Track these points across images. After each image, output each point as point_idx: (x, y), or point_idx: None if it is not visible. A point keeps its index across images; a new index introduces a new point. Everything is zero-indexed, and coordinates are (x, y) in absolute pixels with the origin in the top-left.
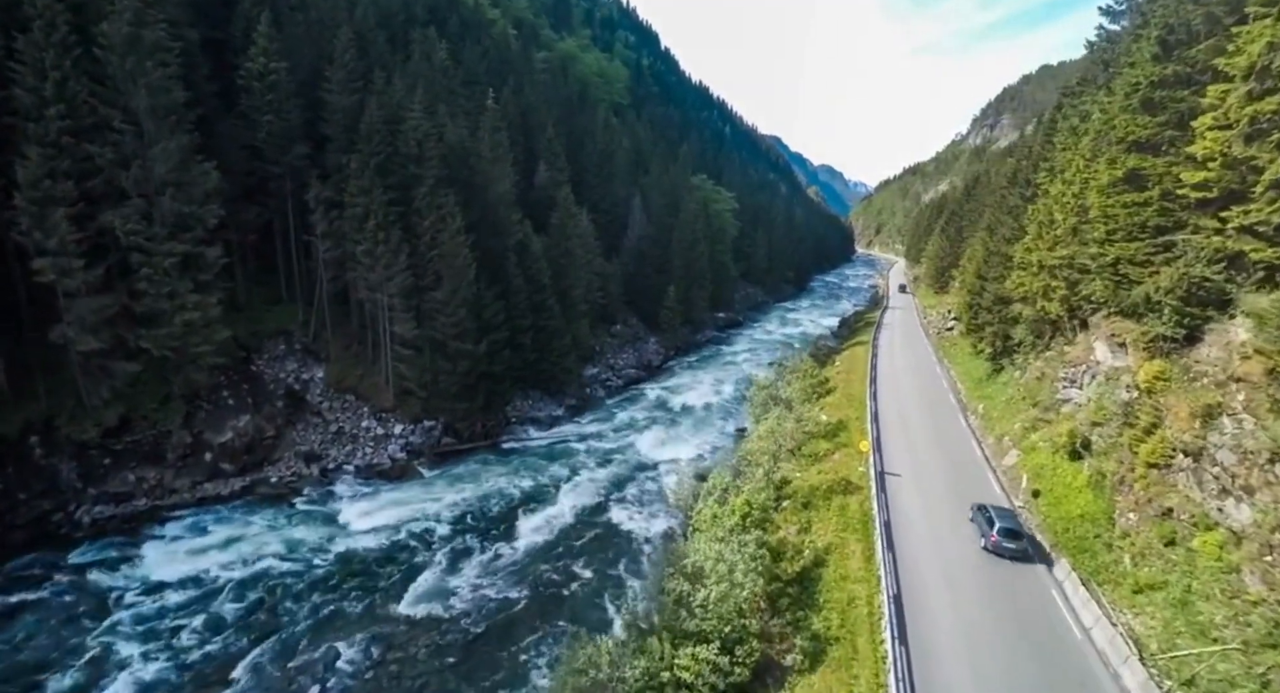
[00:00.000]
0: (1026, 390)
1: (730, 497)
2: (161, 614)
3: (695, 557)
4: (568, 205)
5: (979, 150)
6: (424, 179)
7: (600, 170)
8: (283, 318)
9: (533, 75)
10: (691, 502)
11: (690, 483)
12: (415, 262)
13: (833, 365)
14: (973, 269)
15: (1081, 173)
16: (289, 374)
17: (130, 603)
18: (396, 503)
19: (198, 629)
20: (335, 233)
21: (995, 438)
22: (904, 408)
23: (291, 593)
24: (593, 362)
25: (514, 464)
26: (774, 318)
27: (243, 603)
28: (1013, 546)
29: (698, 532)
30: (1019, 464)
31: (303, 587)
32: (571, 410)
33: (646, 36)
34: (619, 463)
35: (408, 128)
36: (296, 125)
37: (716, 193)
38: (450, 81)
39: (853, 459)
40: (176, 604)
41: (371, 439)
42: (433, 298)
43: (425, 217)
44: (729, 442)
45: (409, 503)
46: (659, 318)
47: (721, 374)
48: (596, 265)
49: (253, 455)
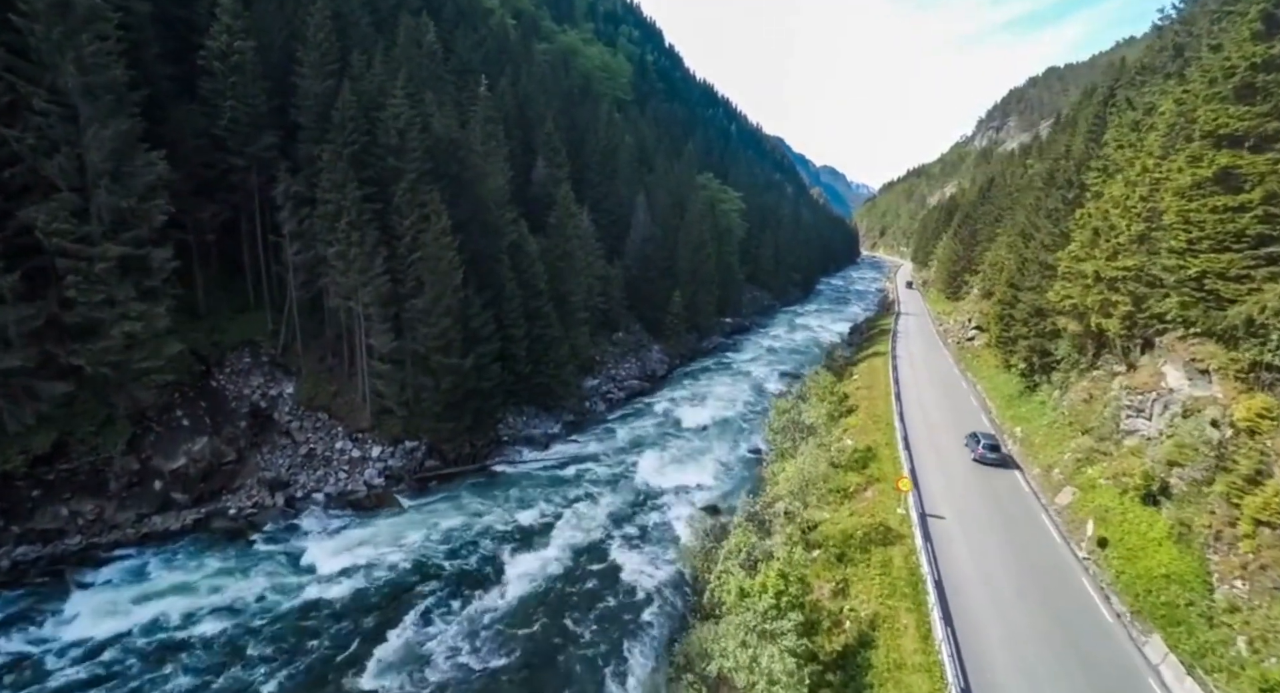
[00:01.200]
0: (1072, 414)
1: (758, 562)
2: (84, 686)
3: (720, 659)
4: (567, 204)
5: (985, 152)
6: (405, 173)
7: (602, 167)
8: (249, 327)
9: (532, 66)
10: (705, 555)
11: (704, 526)
12: (394, 266)
13: (851, 379)
14: (1004, 277)
15: (1151, 172)
16: (254, 390)
17: (48, 670)
18: (369, 541)
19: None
20: (305, 233)
21: (1042, 469)
22: (934, 431)
23: (239, 658)
24: (592, 372)
25: (504, 492)
26: (782, 323)
27: (179, 670)
28: (994, 456)
29: (721, 612)
30: (1077, 504)
31: (252, 650)
32: (569, 427)
33: (650, 33)
34: (621, 490)
35: (387, 116)
36: (264, 112)
37: (723, 192)
38: (440, 68)
39: (887, 496)
40: (102, 672)
41: (346, 463)
42: (413, 306)
43: (406, 215)
44: (742, 466)
45: (384, 541)
46: (663, 324)
47: (730, 385)
48: (597, 268)
49: (210, 483)
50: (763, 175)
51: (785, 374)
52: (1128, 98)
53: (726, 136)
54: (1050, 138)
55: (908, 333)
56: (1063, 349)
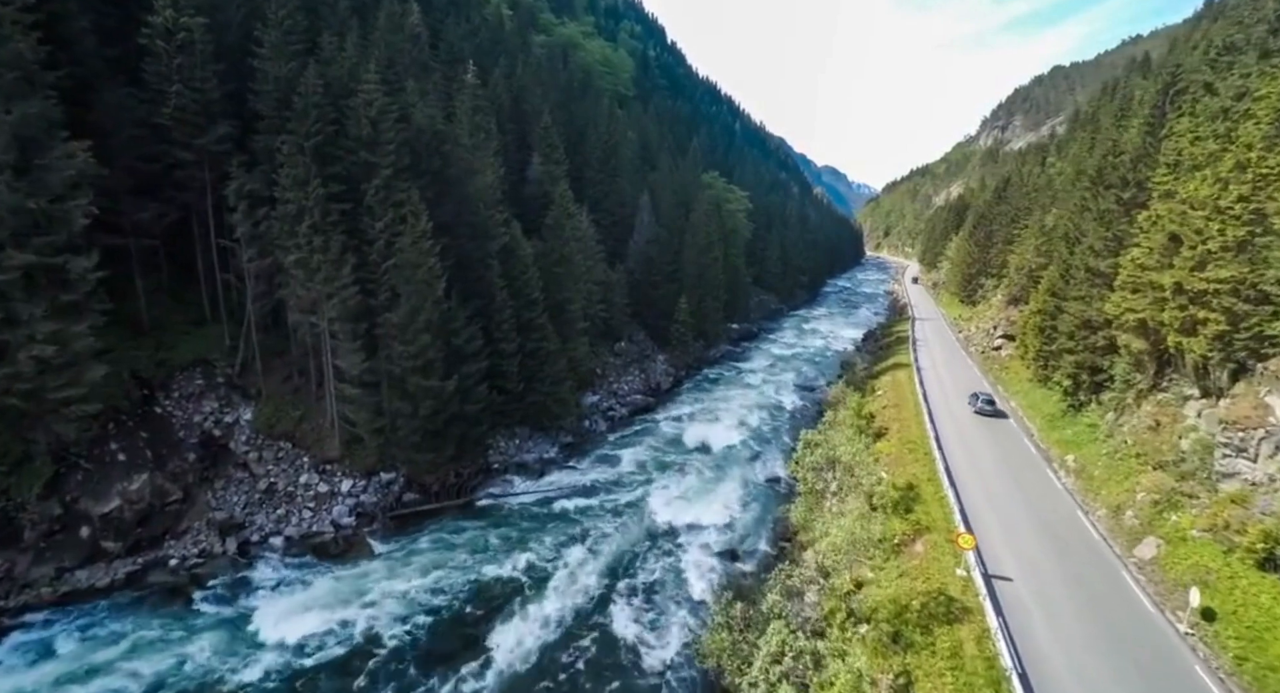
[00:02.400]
0: (1138, 444)
1: (806, 673)
2: None
3: None
4: (565, 203)
5: (991, 152)
6: (379, 168)
7: (603, 165)
8: (203, 344)
9: (528, 57)
10: (733, 649)
11: (727, 615)
12: (365, 275)
13: (874, 394)
14: (1044, 285)
15: (1255, 167)
16: (206, 417)
17: None
18: (331, 600)
19: None
20: (262, 237)
21: (1108, 510)
22: (977, 459)
23: None
24: (592, 387)
25: (492, 533)
26: (790, 328)
27: None
28: (990, 409)
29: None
30: (1165, 561)
31: None
32: (567, 451)
33: (652, 29)
34: (624, 530)
35: (358, 103)
36: (216, 99)
37: (729, 192)
38: (425, 56)
39: (941, 552)
40: None
41: (311, 499)
42: (387, 321)
43: (379, 216)
44: (761, 498)
45: (348, 598)
46: (669, 333)
47: (741, 400)
48: (598, 273)
49: (148, 528)
50: (768, 174)
51: (799, 386)
52: (1207, 83)
53: (731, 134)
54: (1068, 135)
55: (927, 341)
56: (1119, 368)
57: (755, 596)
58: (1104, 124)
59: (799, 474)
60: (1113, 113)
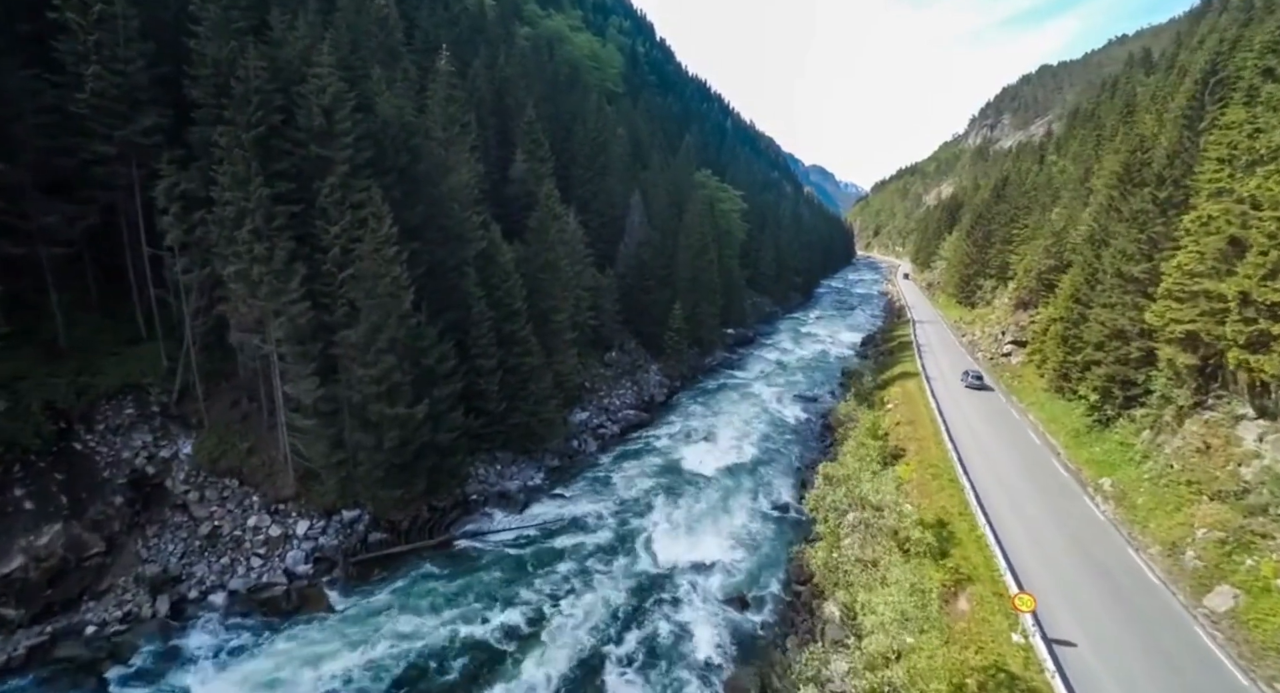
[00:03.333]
0: (1186, 469)
1: None
2: None
3: None
4: (551, 203)
5: (981, 150)
6: (334, 164)
7: (592, 163)
8: (135, 367)
9: (512, 48)
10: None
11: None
12: (318, 288)
13: (884, 408)
14: (1066, 291)
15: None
16: (138, 452)
17: None
18: (279, 671)
19: None
20: (198, 244)
21: (1163, 548)
22: (1006, 484)
23: None
24: (581, 403)
25: (469, 579)
26: (786, 332)
27: None
28: (978, 383)
29: None
30: (1247, 616)
31: None
32: (554, 476)
33: (641, 25)
34: (619, 573)
35: (310, 90)
36: (143, 84)
37: (723, 191)
38: (392, 39)
39: (986, 607)
40: None
41: (262, 544)
42: (345, 341)
43: (334, 220)
44: (769, 530)
45: (298, 668)
46: (663, 341)
47: (740, 413)
48: (587, 279)
49: (62, 589)
50: (760, 173)
51: (801, 397)
52: (1268, 69)
53: (722, 133)
54: (1067, 132)
55: (930, 346)
56: (1158, 382)
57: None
58: (1108, 121)
59: (817, 514)
60: (1118, 110)
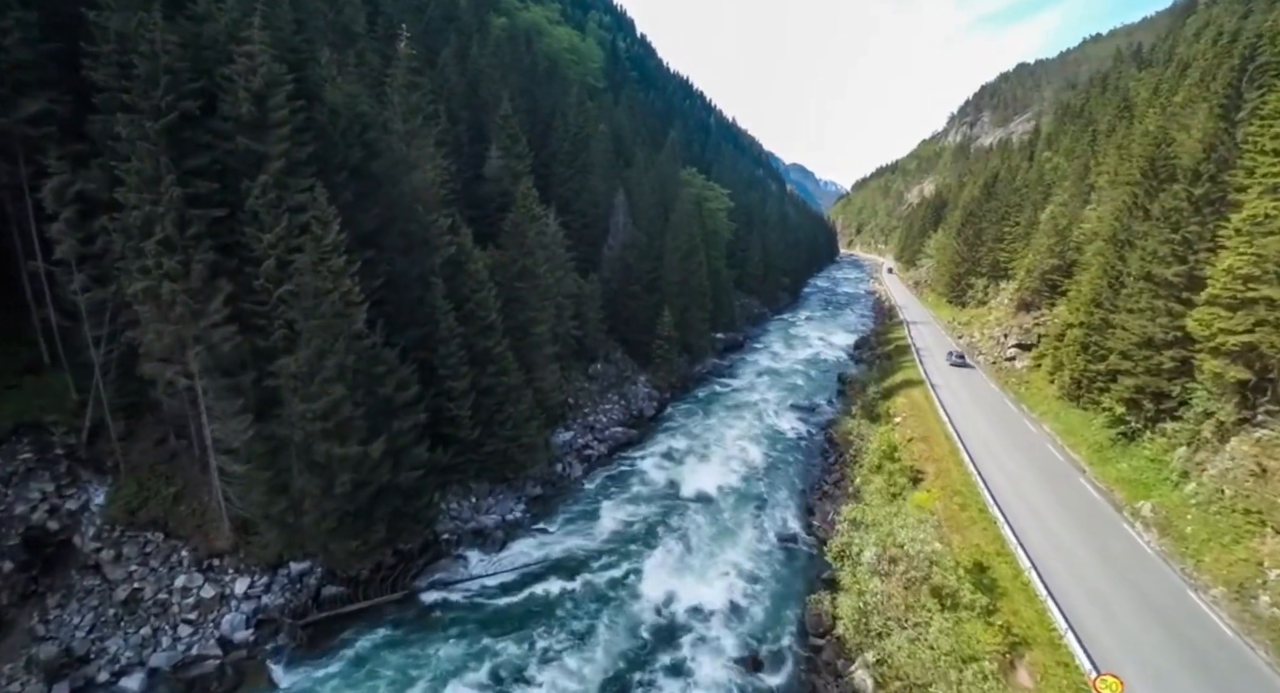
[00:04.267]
0: (1240, 495)
1: None
2: None
3: None
4: (528, 203)
5: (962, 148)
6: (268, 160)
7: (573, 160)
8: (36, 401)
9: (486, 37)
10: None
11: None
12: (250, 307)
13: (892, 422)
14: (1085, 294)
15: None
16: (36, 505)
17: None
18: None
19: None
20: (100, 256)
21: (1228, 589)
22: (1040, 513)
23: None
24: (565, 422)
25: (437, 645)
26: (776, 335)
27: None
28: (959, 362)
29: None
30: None
31: None
32: (536, 506)
33: (621, 21)
34: (612, 626)
35: (238, 71)
36: (26, 60)
37: (710, 189)
38: (344, 18)
39: (1050, 679)
40: None
41: (192, 609)
42: (284, 370)
43: (269, 226)
44: (777, 569)
45: None
46: (651, 349)
47: (736, 428)
48: (568, 285)
49: None
50: (745, 171)
51: (797, 407)
52: None
53: (706, 129)
54: (1057, 128)
55: (929, 350)
56: (1198, 395)
57: None
58: (1102, 116)
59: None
60: (1115, 105)
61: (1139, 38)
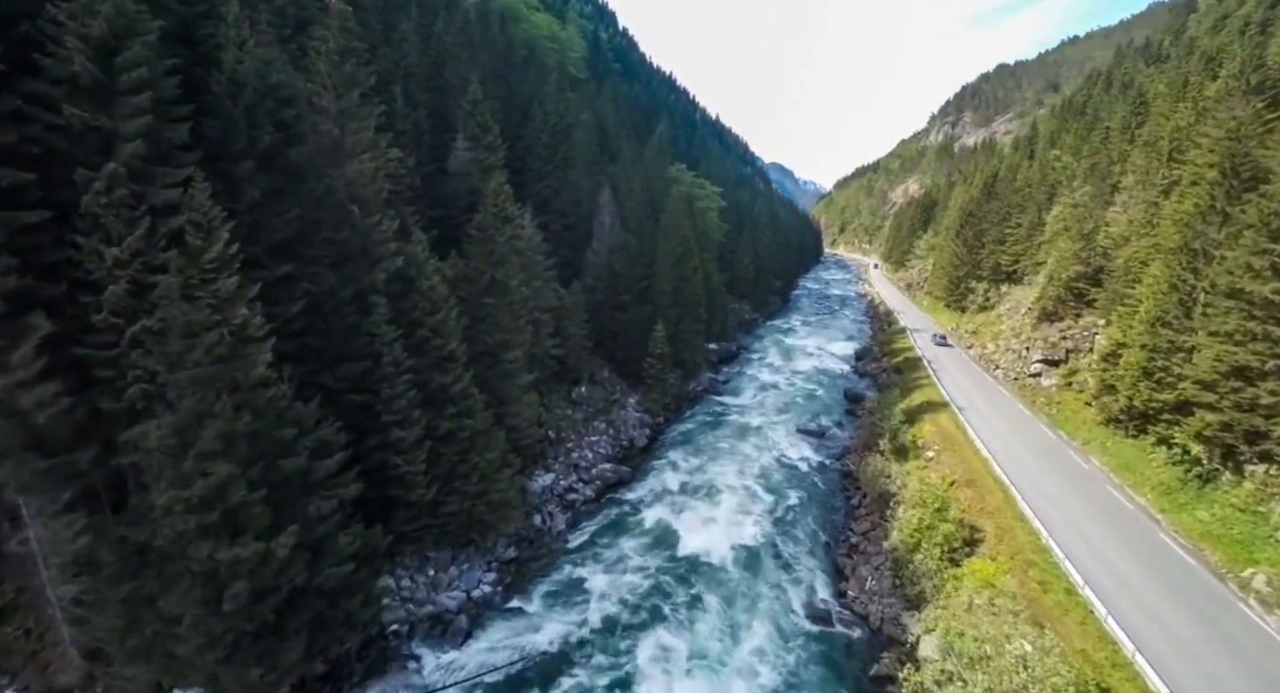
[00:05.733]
0: None
1: None
2: None
3: None
4: (500, 201)
5: (945, 147)
6: (117, 141)
7: (552, 153)
8: None
9: (454, 13)
10: None
11: None
12: (85, 353)
13: (924, 458)
14: (1148, 313)
15: None
16: None
17: None
18: None
19: None
20: None
21: None
22: (1131, 585)
23: None
24: (544, 461)
25: None
26: (770, 343)
27: None
28: (941, 342)
29: None
30: None
31: None
32: (509, 575)
33: (603, 12)
34: None
35: (66, 14)
36: None
37: (700, 187)
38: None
39: None
40: None
41: None
42: (141, 443)
43: (117, 234)
44: (812, 662)
45: None
46: (641, 367)
47: (741, 459)
48: (547, 297)
49: None
50: (733, 169)
51: (804, 431)
52: None
53: (693, 125)
54: (1059, 125)
55: (941, 363)
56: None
57: None
58: (1114, 113)
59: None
60: (1130, 101)
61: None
